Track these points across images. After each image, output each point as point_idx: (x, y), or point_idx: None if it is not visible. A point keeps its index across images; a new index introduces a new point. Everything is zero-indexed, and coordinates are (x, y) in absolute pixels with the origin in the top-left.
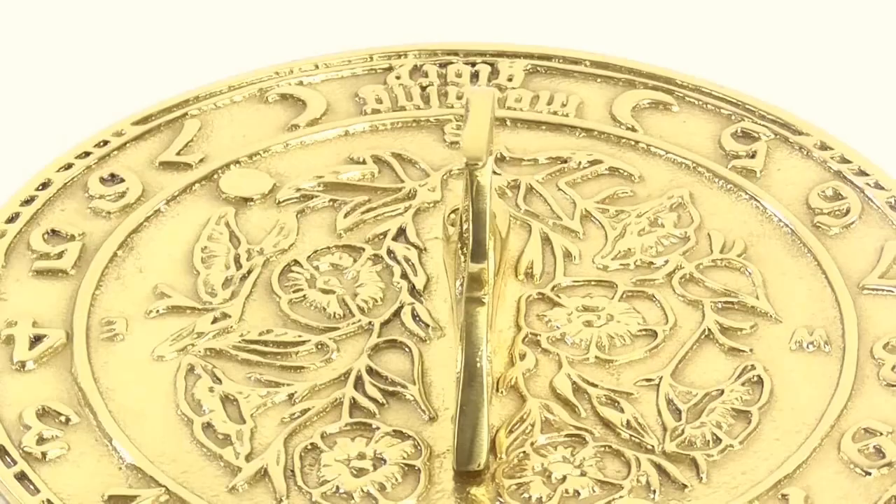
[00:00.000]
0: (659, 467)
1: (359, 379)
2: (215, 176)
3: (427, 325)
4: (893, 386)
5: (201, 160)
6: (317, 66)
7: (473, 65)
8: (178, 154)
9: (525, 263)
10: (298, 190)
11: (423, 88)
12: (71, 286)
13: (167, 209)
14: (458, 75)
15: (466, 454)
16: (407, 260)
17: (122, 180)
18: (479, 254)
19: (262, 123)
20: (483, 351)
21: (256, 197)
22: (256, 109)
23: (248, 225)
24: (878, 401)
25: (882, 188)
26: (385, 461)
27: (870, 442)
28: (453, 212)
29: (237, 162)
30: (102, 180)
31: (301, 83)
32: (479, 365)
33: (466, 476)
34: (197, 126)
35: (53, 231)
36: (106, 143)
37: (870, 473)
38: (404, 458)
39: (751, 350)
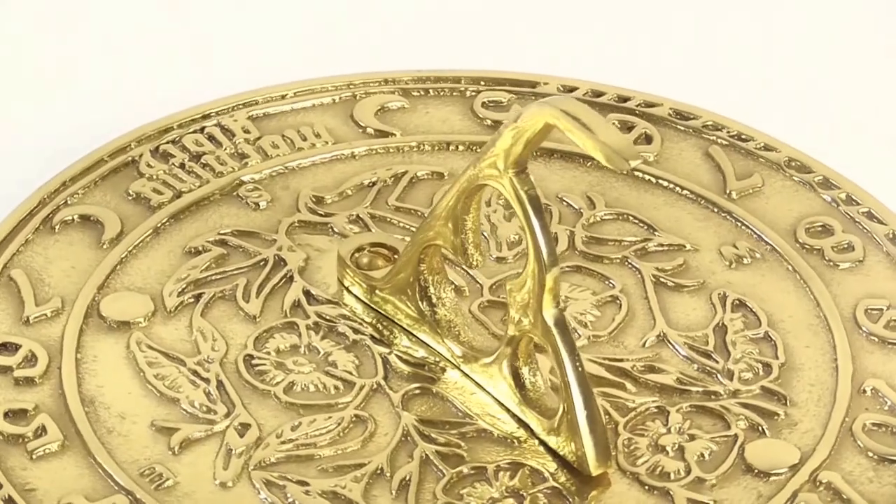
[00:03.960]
0: (746, 406)
1: (421, 434)
2: (89, 312)
3: (422, 365)
4: (838, 265)
5: (63, 304)
6: (65, 184)
7: (202, 129)
8: (38, 306)
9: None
10: (180, 294)
11: (183, 167)
12: (77, 457)
13: (82, 357)
14: (200, 144)
15: (601, 457)
16: (343, 317)
17: (18, 346)
18: (553, 264)
19: (75, 252)
20: (580, 357)
21: (142, 319)
22: (56, 240)
23: (166, 342)
24: (847, 282)
25: (661, 106)
26: (523, 495)
27: (885, 316)
28: (357, 252)
29: (97, 292)
30: None
31: (67, 203)
32: (582, 371)
33: (598, 478)
34: (24, 275)
35: (9, 412)
36: None
37: None
38: (536, 485)
39: (702, 282)
